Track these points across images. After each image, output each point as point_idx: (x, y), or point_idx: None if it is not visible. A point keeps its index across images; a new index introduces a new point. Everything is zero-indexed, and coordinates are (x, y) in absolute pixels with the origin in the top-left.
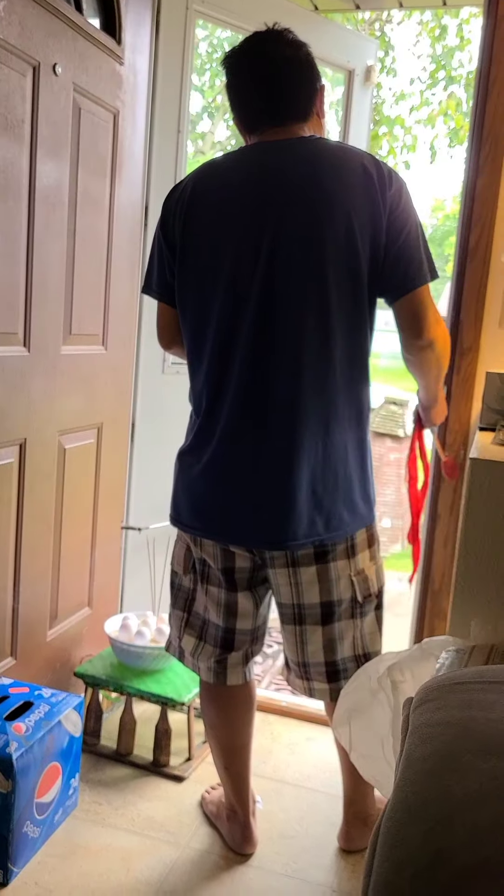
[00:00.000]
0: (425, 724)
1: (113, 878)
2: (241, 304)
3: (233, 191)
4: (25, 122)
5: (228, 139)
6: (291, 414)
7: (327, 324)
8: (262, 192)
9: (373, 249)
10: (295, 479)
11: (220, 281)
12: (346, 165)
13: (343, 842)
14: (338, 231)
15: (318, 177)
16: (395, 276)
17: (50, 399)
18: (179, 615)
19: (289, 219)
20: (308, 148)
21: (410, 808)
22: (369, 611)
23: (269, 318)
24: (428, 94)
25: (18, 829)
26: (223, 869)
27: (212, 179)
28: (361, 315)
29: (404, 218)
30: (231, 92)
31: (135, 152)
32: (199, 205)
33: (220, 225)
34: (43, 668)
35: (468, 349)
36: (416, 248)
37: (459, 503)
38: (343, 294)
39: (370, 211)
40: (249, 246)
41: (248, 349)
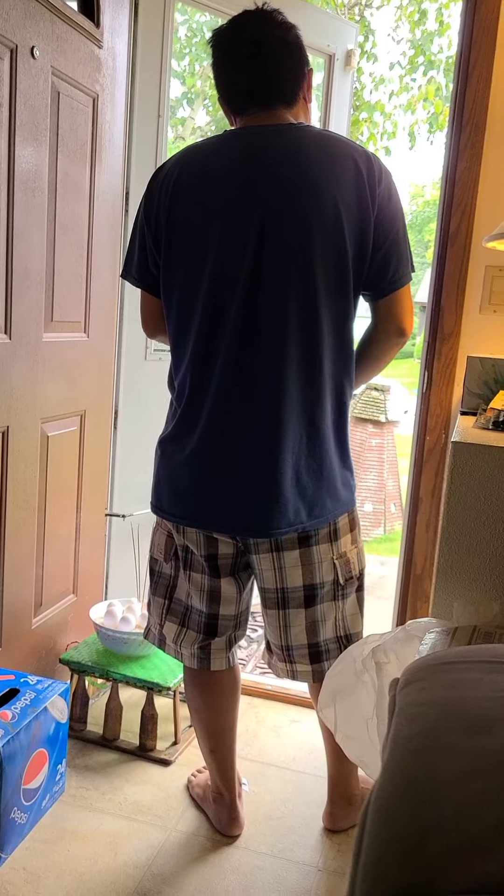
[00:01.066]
0: (411, 703)
1: (101, 861)
2: (227, 292)
3: (219, 177)
4: (3, 107)
5: (209, 125)
6: (276, 403)
7: (313, 313)
8: (250, 179)
9: (360, 244)
10: (279, 468)
11: (205, 268)
12: (335, 156)
13: (328, 822)
14: (325, 221)
15: (307, 166)
16: (383, 274)
17: (32, 387)
18: (160, 602)
19: (276, 206)
20: (296, 135)
21: (398, 786)
22: (351, 593)
23: (256, 306)
24: (407, 79)
25: (6, 815)
26: (210, 851)
27: (198, 165)
28: (346, 306)
29: (392, 215)
30: (217, 72)
31: (115, 137)
32: (184, 191)
33: (207, 212)
34: (28, 656)
35: (449, 334)
36: (403, 246)
37: (441, 487)
38: (329, 284)
39: (359, 206)
40: (236, 233)
41: (234, 337)
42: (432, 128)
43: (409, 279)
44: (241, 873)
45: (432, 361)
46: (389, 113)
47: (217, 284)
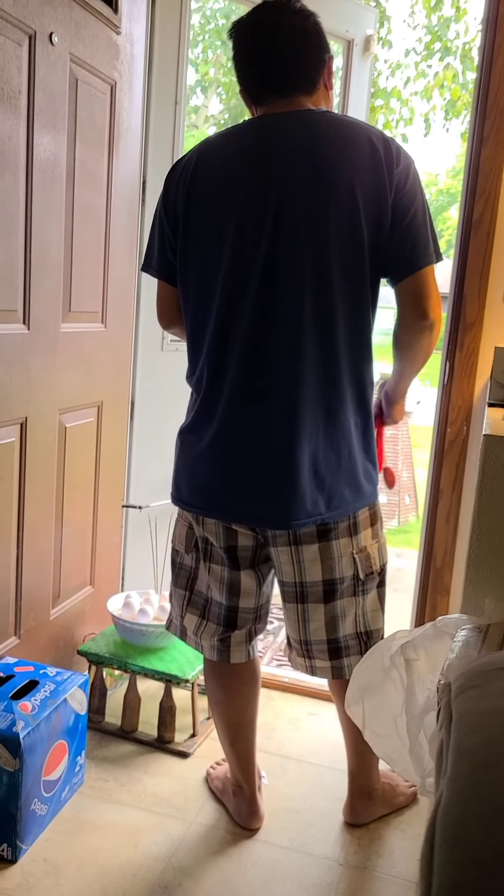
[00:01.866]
0: (472, 712)
1: (121, 853)
2: (244, 278)
3: (234, 165)
4: (22, 94)
5: (222, 113)
6: (291, 392)
7: (329, 300)
8: (265, 164)
9: (377, 226)
10: (296, 458)
11: (223, 255)
12: (351, 139)
13: (349, 816)
14: (341, 203)
15: (322, 149)
16: (401, 256)
17: (50, 377)
18: (181, 594)
19: (291, 190)
20: (313, 119)
21: (468, 802)
22: (371, 588)
23: (271, 294)
24: (423, 65)
25: (26, 806)
26: (230, 844)
27: (214, 155)
28: (363, 292)
29: (411, 197)
30: (237, 63)
31: (132, 125)
32: (200, 181)
33: (223, 199)
34: (47, 647)
35: (471, 325)
36: (422, 228)
37: (461, 479)
38: (345, 269)
39: (375, 187)
40: (252, 219)
41: (249, 325)
42: (448, 115)
43: (430, 263)
44: (261, 867)
45: (454, 352)
46: (406, 100)
47: (234, 270)
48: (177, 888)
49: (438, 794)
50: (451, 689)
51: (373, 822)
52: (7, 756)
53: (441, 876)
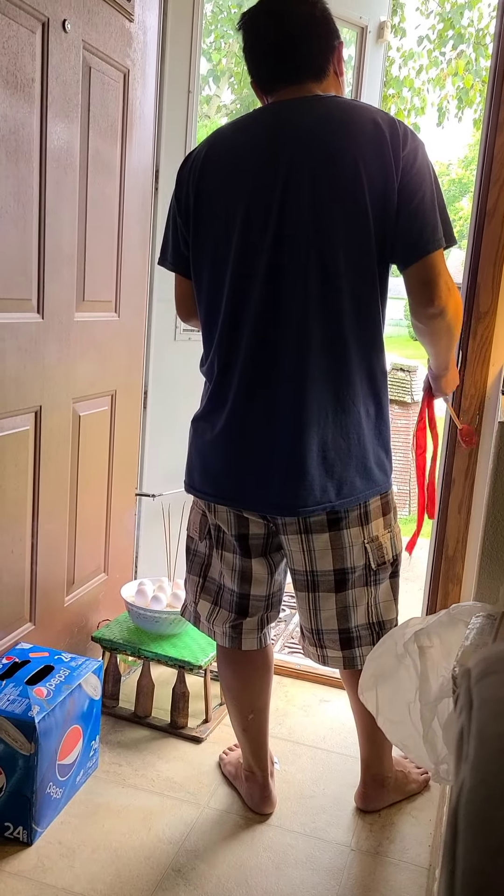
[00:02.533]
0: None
1: (135, 836)
2: (252, 266)
3: (242, 156)
4: (35, 82)
5: (234, 103)
6: (299, 381)
7: (335, 288)
8: (272, 151)
9: (383, 210)
10: (304, 445)
11: (231, 248)
12: (355, 122)
13: (360, 802)
14: (345, 189)
15: (326, 132)
16: (408, 240)
17: (64, 366)
18: (195, 580)
19: (296, 178)
20: (319, 104)
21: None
22: (384, 578)
23: (277, 284)
24: (436, 53)
25: (41, 790)
26: (243, 828)
27: (223, 146)
28: (370, 278)
29: (419, 180)
30: (247, 52)
31: (145, 114)
32: (209, 173)
33: (232, 187)
34: (61, 633)
35: (485, 313)
36: (430, 212)
37: (474, 468)
38: (351, 256)
39: (381, 169)
40: (260, 205)
41: (257, 316)
42: (461, 103)
43: (438, 247)
44: (273, 851)
45: (467, 341)
46: (419, 88)
47: (241, 261)
48: (190, 871)
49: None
50: (470, 674)
51: (385, 809)
52: (22, 740)
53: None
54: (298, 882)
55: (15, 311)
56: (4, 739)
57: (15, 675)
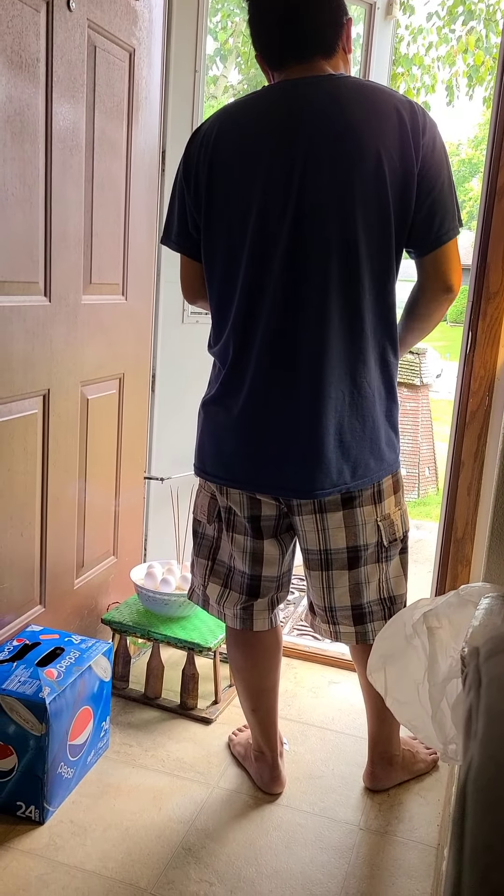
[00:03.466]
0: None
1: (145, 816)
2: (270, 248)
3: (258, 131)
4: (40, 62)
5: (241, 83)
6: (317, 363)
7: (355, 269)
8: (289, 132)
9: (403, 196)
10: (322, 428)
11: (248, 226)
12: (377, 107)
13: (369, 782)
14: (367, 172)
15: (347, 116)
16: (428, 229)
17: (72, 349)
18: (204, 563)
19: (316, 158)
20: (336, 85)
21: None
22: (395, 555)
23: (297, 264)
24: (446, 30)
25: (53, 770)
26: (252, 808)
27: (235, 122)
28: (388, 262)
29: (438, 167)
30: (253, 28)
31: (151, 93)
32: (223, 148)
33: (247, 168)
34: (71, 616)
35: (495, 293)
36: (448, 199)
37: (483, 451)
38: (371, 240)
39: (402, 157)
40: (278, 188)
41: (276, 295)
42: (472, 81)
43: (456, 234)
44: (283, 830)
45: (476, 321)
46: (428, 66)
47: (260, 241)
48: (200, 850)
49: (469, 757)
50: (479, 653)
51: (393, 788)
52: (34, 721)
53: (474, 838)
54: (308, 861)
55: (22, 294)
56: (16, 720)
57: (26, 656)
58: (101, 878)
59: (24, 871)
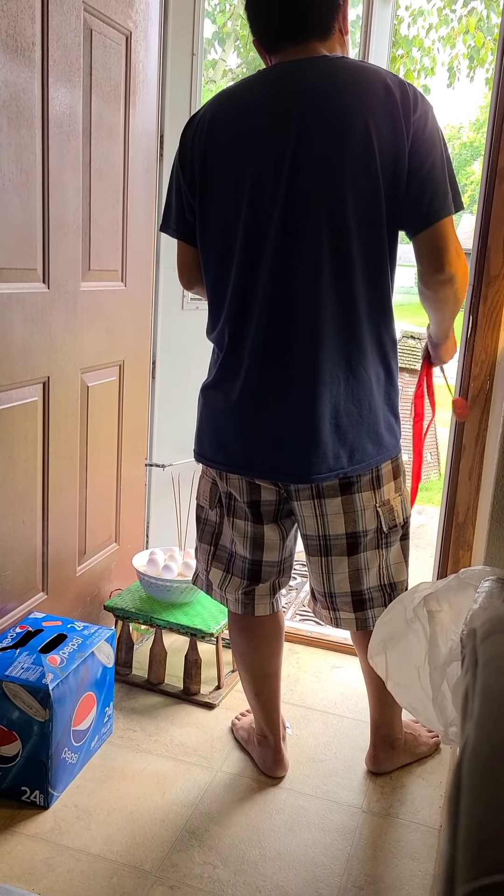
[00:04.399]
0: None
1: (149, 800)
2: (263, 231)
3: (252, 115)
4: (36, 45)
5: (240, 67)
6: (312, 346)
7: (347, 253)
8: (281, 113)
9: (394, 175)
10: (317, 412)
11: (241, 211)
12: (366, 84)
13: (371, 765)
14: (356, 153)
15: (337, 95)
16: (419, 207)
17: (71, 336)
18: (206, 549)
19: (306, 141)
20: (328, 65)
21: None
22: (395, 541)
23: (289, 247)
24: (447, 11)
25: (57, 755)
26: (255, 791)
27: (229, 108)
28: (380, 244)
29: (430, 144)
30: (250, 11)
31: (149, 77)
32: (216, 135)
33: (240, 151)
34: (74, 602)
35: (495, 277)
36: (441, 178)
37: (485, 435)
38: (362, 220)
39: (392, 133)
40: (270, 169)
41: (269, 281)
42: (473, 62)
43: (449, 214)
44: (286, 813)
45: (477, 305)
46: (429, 48)
47: (253, 224)
48: (204, 833)
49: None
50: (476, 634)
51: (395, 771)
52: (37, 707)
53: (469, 817)
54: (311, 843)
55: (20, 282)
56: (20, 706)
57: (29, 643)
58: (105, 861)
59: (29, 854)
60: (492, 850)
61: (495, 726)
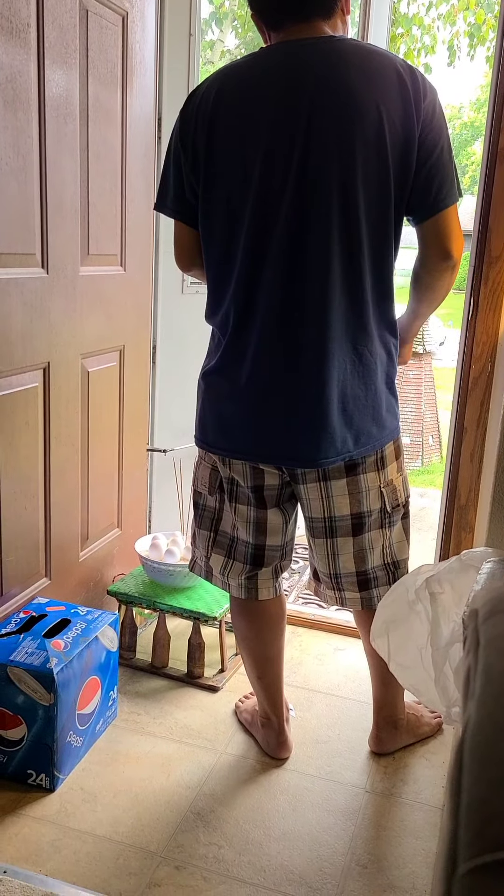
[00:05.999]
0: (500, 636)
1: (154, 782)
2: (272, 213)
3: (259, 94)
4: (31, 27)
5: (238, 47)
6: (321, 331)
7: (356, 235)
8: (291, 94)
9: (403, 160)
10: (326, 397)
11: (250, 190)
12: (378, 69)
13: (374, 745)
14: (368, 135)
15: (349, 78)
16: (427, 194)
17: (71, 322)
18: (206, 535)
19: (318, 120)
20: (337, 48)
21: (497, 723)
22: (397, 520)
23: (301, 232)
24: None
25: (62, 738)
26: (260, 773)
27: (235, 84)
28: (388, 229)
29: (438, 132)
30: None
31: (145, 59)
32: (223, 111)
33: (248, 131)
34: (77, 588)
35: (497, 258)
36: (447, 165)
37: (486, 417)
38: (371, 205)
39: (403, 120)
40: (280, 151)
41: (278, 262)
42: (473, 40)
43: (455, 201)
44: (290, 794)
45: (478, 287)
46: (429, 26)
47: (262, 205)
48: (209, 814)
49: (467, 716)
50: (478, 614)
51: (398, 751)
52: (42, 691)
53: (470, 795)
54: (315, 823)
55: (19, 266)
56: (24, 691)
57: (32, 628)
58: (112, 842)
59: (36, 837)
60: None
61: (496, 705)
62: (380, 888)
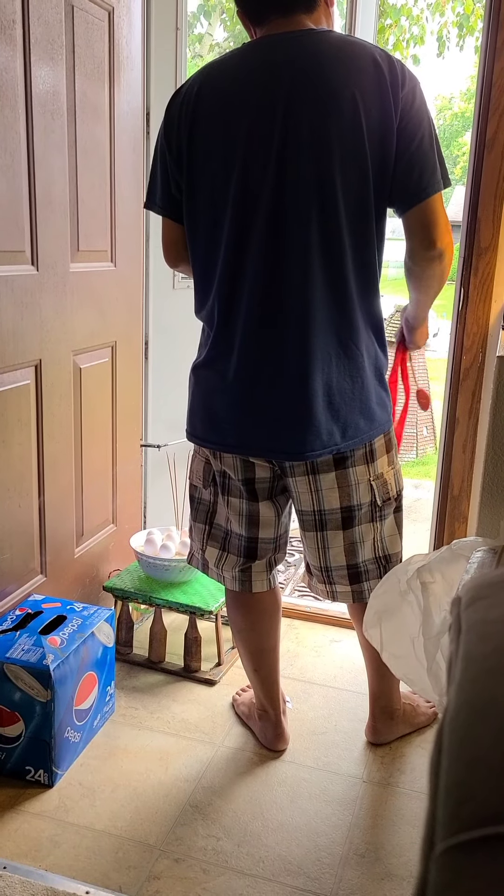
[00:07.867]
0: (482, 621)
1: (153, 776)
2: (252, 208)
3: (239, 89)
4: (17, 23)
5: (227, 41)
6: (303, 324)
7: (336, 228)
8: (269, 89)
9: (382, 151)
10: (310, 390)
11: (230, 185)
12: (354, 59)
13: (371, 736)
14: (344, 126)
15: (326, 71)
16: (407, 183)
17: (62, 318)
18: (201, 528)
19: (295, 116)
20: (316, 40)
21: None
22: (389, 514)
23: (280, 225)
24: None
25: (60, 734)
26: (257, 765)
27: (217, 81)
28: (368, 220)
29: (418, 120)
30: None
31: (132, 54)
32: (204, 108)
33: (228, 127)
34: (72, 584)
35: (486, 248)
36: (429, 154)
37: (478, 407)
38: (350, 196)
39: (380, 109)
40: (258, 146)
41: (259, 256)
42: (462, 31)
43: (438, 190)
44: (287, 785)
45: (468, 277)
46: (417, 16)
47: (242, 200)
48: (207, 806)
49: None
50: (461, 601)
51: (394, 741)
52: (39, 687)
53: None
54: (313, 813)
55: (8, 264)
56: (21, 688)
57: (28, 625)
58: (111, 836)
59: (35, 832)
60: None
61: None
62: (377, 877)
